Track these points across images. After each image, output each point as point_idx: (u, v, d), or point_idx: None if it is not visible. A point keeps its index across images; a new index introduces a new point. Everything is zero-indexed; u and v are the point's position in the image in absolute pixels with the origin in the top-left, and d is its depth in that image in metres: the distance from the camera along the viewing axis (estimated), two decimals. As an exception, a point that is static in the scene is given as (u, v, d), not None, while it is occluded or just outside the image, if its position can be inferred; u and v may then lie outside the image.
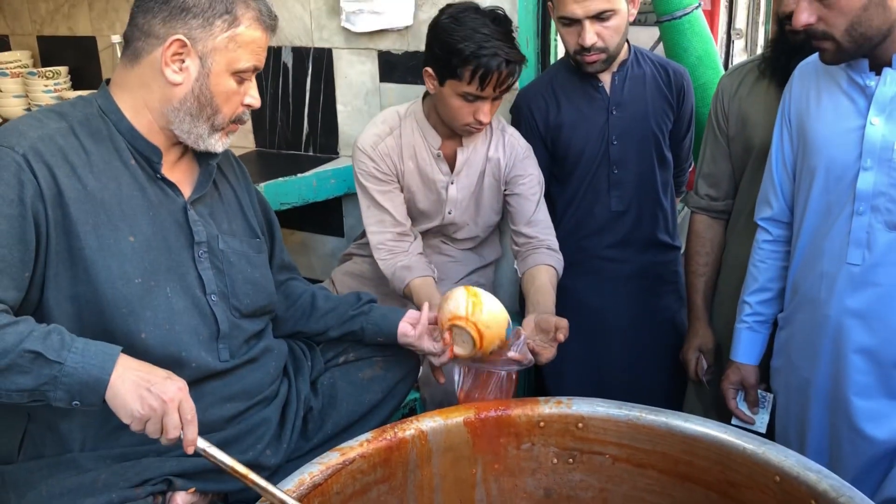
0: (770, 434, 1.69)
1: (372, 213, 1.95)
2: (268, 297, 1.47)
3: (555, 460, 1.43)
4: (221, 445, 1.33)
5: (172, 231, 1.32)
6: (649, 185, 2.04)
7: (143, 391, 1.11)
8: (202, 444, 1.14)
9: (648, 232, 2.07)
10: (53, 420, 1.26)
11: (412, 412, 1.95)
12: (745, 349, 1.77)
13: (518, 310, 2.22)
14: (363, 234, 2.07)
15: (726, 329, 1.89)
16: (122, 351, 1.15)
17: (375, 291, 1.83)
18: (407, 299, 1.90)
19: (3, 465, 1.27)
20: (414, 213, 2.01)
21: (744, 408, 1.82)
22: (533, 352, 1.60)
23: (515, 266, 1.99)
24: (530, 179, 1.96)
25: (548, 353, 1.63)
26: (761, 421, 1.80)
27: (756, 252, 1.74)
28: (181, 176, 1.37)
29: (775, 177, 1.65)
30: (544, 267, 1.90)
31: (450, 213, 1.99)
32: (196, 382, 1.32)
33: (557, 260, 1.94)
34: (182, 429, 1.13)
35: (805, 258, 1.57)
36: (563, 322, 1.64)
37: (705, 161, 1.94)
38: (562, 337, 1.62)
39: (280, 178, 2.27)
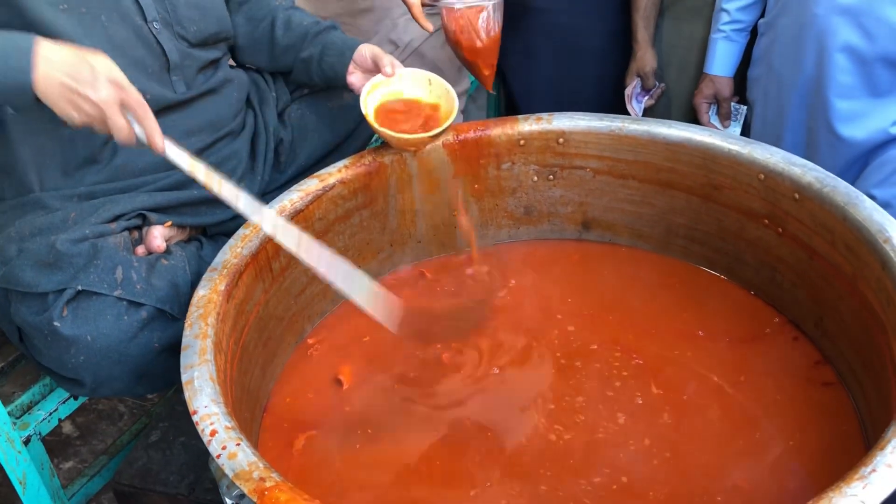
0: (743, 145, 1.69)
1: None
2: (217, 22, 1.34)
3: (535, 178, 1.41)
4: (191, 181, 1.28)
5: None
6: None
7: (72, 96, 0.97)
8: (171, 151, 1.05)
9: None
10: (7, 163, 1.19)
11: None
12: (721, 60, 1.72)
13: None
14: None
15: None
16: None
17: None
18: None
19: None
20: None
21: (716, 122, 1.81)
22: None
23: None
24: None
25: None
26: (732, 133, 1.80)
27: (739, -46, 1.63)
28: None
29: None
30: None
31: None
32: (157, 116, 1.24)
33: None
34: (141, 123, 1.02)
35: (795, -46, 1.47)
36: None
37: None
38: None
39: None
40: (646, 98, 1.94)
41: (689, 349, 1.22)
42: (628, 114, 1.95)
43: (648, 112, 1.96)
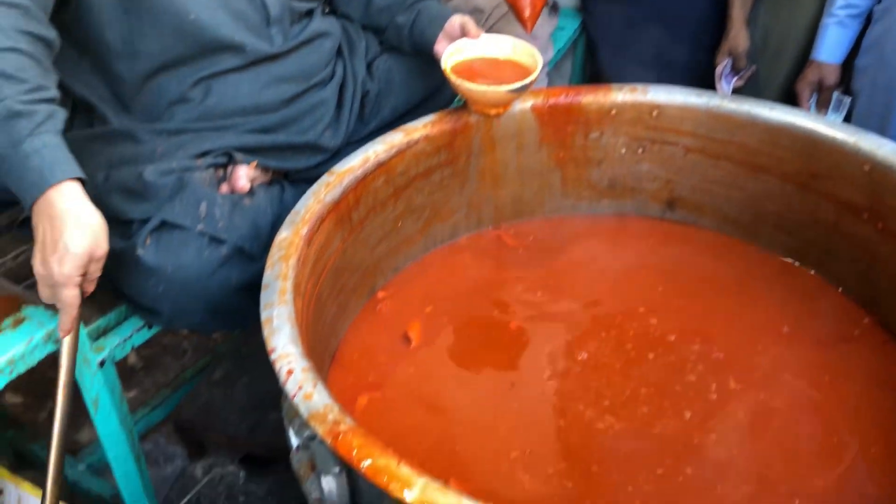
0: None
1: None
2: None
3: (623, 150, 1.37)
4: (279, 126, 1.29)
5: None
6: None
7: (42, 254, 0.94)
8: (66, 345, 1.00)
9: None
10: (100, 94, 1.20)
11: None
12: (831, 46, 1.64)
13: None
14: None
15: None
16: (79, 179, 0.97)
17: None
18: None
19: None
20: None
21: (813, 111, 1.73)
22: None
23: None
24: None
25: None
26: (833, 123, 1.72)
27: (859, -64, 1.54)
28: None
29: None
30: None
31: None
32: (251, 66, 1.24)
33: None
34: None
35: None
36: None
37: None
38: None
39: None
40: (735, 79, 1.87)
41: (772, 346, 1.17)
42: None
43: (737, 93, 1.89)
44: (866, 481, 0.99)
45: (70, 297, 0.95)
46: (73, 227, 0.93)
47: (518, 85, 1.23)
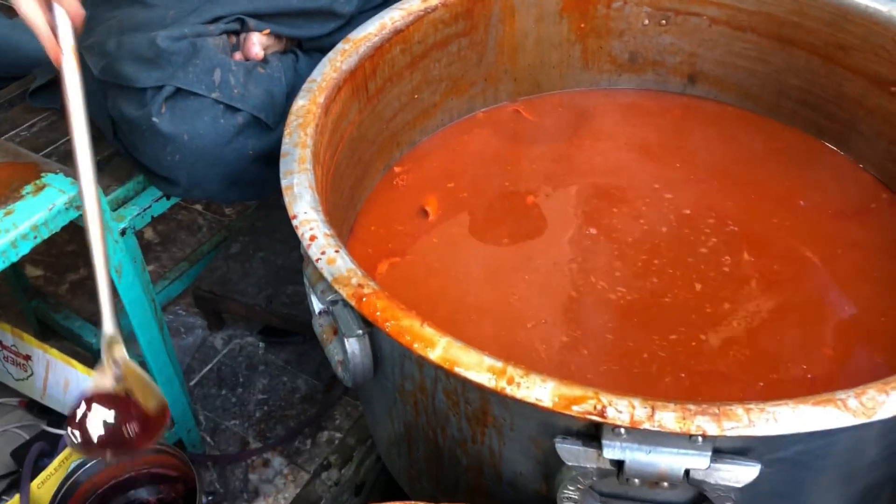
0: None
1: None
2: None
3: (646, 21, 1.33)
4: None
5: None
6: None
7: None
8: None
9: None
10: None
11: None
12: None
13: None
14: None
15: None
16: None
17: None
18: None
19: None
20: None
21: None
22: None
23: None
24: None
25: None
26: None
27: None
28: None
29: None
30: None
31: None
32: None
33: None
34: None
35: None
36: None
37: None
38: None
39: None
40: None
41: (788, 218, 1.17)
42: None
43: None
44: (874, 350, 1.02)
45: (29, 9, 0.87)
46: None
47: None
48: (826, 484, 0.80)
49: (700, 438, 0.67)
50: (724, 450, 0.69)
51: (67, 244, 1.58)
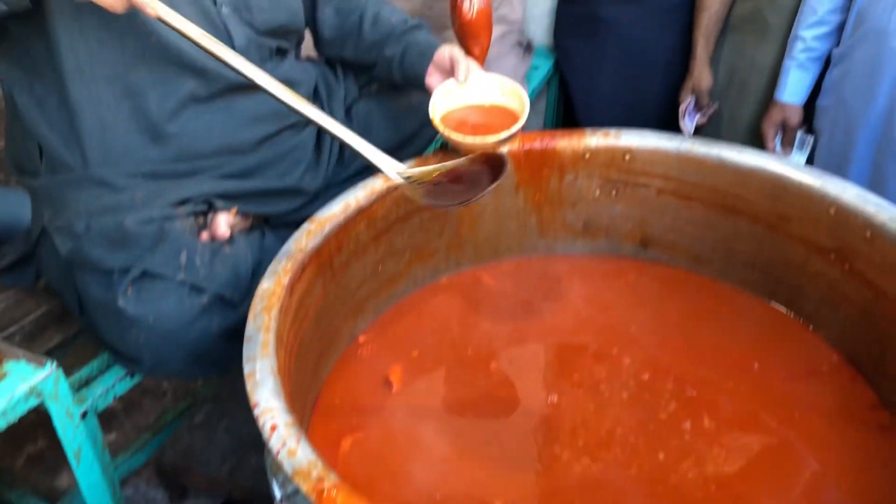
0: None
1: None
2: (288, 13, 1.33)
3: (597, 192, 1.40)
4: (257, 170, 1.30)
5: None
6: None
7: None
8: (167, 14, 1.08)
9: (699, -41, 1.89)
10: (70, 134, 1.20)
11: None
12: (793, 88, 1.69)
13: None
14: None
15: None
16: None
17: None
18: None
19: (30, 178, 1.24)
20: None
21: (780, 149, 1.78)
22: None
23: None
24: None
25: None
26: (798, 163, 1.77)
27: (817, -19, 1.60)
28: None
29: None
30: None
31: None
32: (220, 98, 1.25)
33: None
34: None
35: (879, -15, 1.44)
36: None
37: None
38: None
39: None
40: (698, 116, 1.93)
41: (744, 382, 1.20)
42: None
43: (700, 130, 1.95)
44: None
45: None
46: None
47: (505, 134, 1.26)
48: None
49: None
50: None
51: (24, 416, 1.54)
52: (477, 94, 1.35)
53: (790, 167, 1.25)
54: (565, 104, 2.23)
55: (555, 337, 1.31)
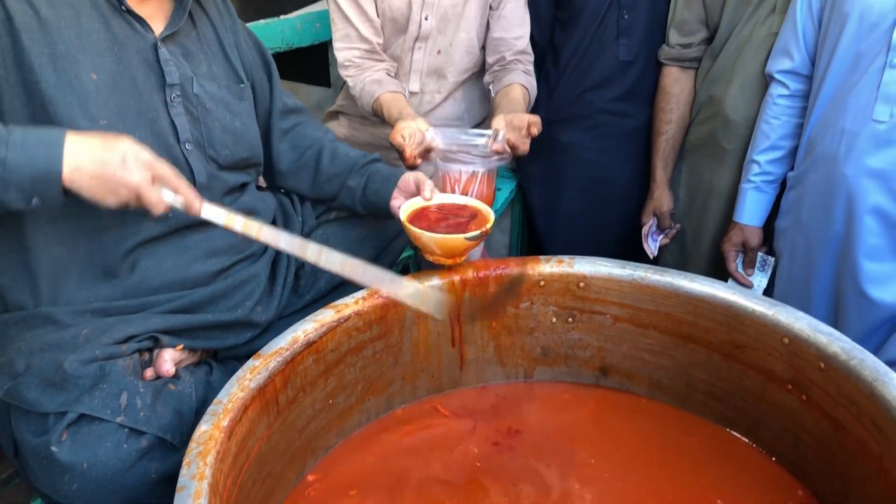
0: (768, 296, 1.67)
1: (339, 27, 1.86)
2: (249, 148, 1.36)
3: (554, 319, 1.39)
4: (208, 303, 1.28)
5: (141, 71, 1.20)
6: (660, 34, 1.90)
7: (106, 185, 1.03)
8: (207, 212, 1.14)
9: (655, 84, 1.95)
10: (22, 274, 1.19)
11: (406, 270, 1.91)
12: (750, 210, 1.71)
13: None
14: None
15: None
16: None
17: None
18: (376, 117, 1.83)
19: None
20: (385, 25, 1.88)
21: (742, 270, 1.79)
22: (511, 146, 1.58)
23: (489, 87, 1.92)
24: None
25: (523, 146, 1.60)
26: (759, 284, 1.78)
27: (769, 108, 1.64)
28: (152, 10, 1.23)
29: (799, 23, 1.53)
30: (518, 85, 1.83)
31: (426, 18, 1.86)
32: (177, 235, 1.25)
33: (532, 84, 1.87)
34: (176, 192, 1.10)
35: (825, 114, 1.48)
36: (535, 118, 1.62)
37: (678, 8, 1.84)
38: (535, 131, 1.60)
39: (261, 21, 2.10)
40: (661, 237, 1.95)
41: (706, 519, 1.16)
42: (657, 258, 1.96)
43: (664, 250, 1.96)
44: None
45: (155, 196, 1.06)
46: (108, 145, 1.03)
47: (476, 233, 1.27)
48: None
49: None
50: None
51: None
52: (444, 200, 1.40)
53: (742, 296, 1.25)
54: (529, 224, 2.25)
55: (514, 471, 1.26)
